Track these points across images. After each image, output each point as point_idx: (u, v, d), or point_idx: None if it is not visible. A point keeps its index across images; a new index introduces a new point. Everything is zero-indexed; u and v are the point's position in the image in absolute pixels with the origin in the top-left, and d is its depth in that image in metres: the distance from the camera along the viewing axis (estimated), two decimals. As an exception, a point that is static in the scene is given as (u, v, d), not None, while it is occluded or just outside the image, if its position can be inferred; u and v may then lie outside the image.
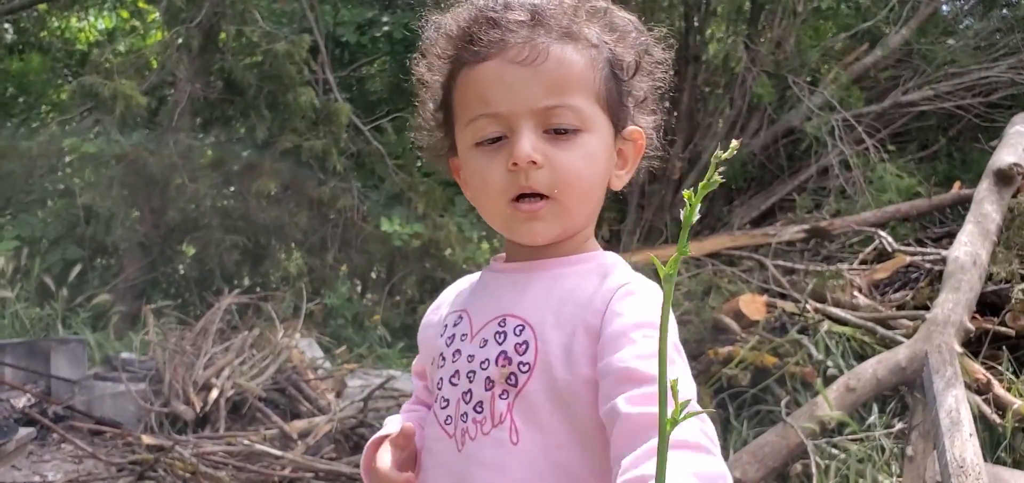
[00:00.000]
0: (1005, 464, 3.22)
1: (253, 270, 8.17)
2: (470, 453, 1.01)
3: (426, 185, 7.50)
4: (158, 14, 8.42)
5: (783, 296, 4.50)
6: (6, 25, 9.24)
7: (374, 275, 8.68)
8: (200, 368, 5.05)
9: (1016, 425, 3.31)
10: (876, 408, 3.50)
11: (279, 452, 4.10)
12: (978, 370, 3.49)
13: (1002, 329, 3.78)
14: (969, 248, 4.06)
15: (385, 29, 8.73)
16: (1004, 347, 3.75)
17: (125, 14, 9.95)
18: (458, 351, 1.06)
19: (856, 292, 4.41)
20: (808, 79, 7.60)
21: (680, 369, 0.96)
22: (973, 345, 3.73)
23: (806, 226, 5.65)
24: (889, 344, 3.74)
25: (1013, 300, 3.89)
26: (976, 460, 2.77)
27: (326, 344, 6.50)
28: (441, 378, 1.07)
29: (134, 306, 7.13)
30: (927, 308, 3.86)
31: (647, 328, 0.95)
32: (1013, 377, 3.64)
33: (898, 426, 3.41)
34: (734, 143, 0.65)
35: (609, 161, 1.07)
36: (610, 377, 0.93)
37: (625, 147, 1.09)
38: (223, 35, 7.58)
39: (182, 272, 8.36)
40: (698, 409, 0.79)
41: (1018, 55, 7.17)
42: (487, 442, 1.00)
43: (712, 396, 3.76)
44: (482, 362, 1.03)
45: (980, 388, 3.43)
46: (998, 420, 3.33)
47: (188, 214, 7.86)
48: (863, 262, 5.00)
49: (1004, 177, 4.55)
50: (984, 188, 4.56)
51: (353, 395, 4.92)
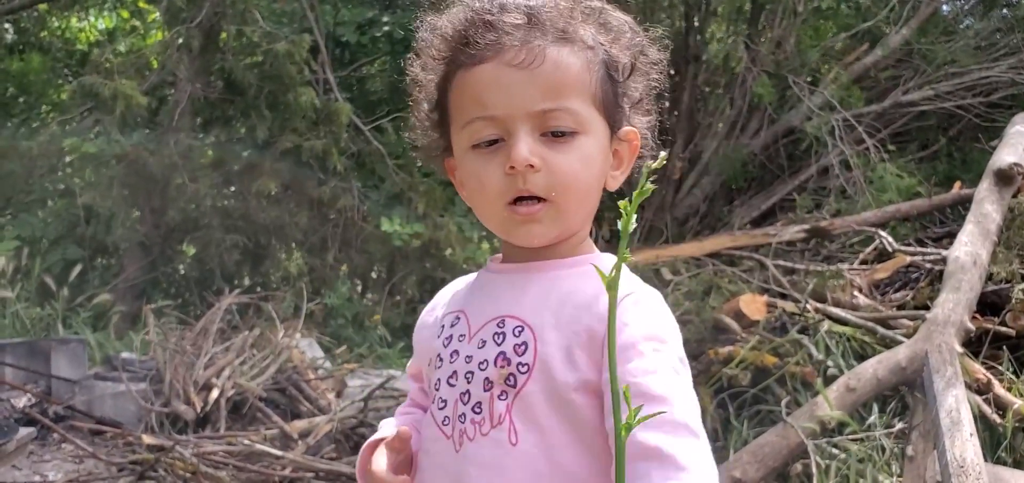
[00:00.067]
0: (1005, 464, 3.21)
1: (253, 270, 8.17)
2: (468, 454, 1.01)
3: (426, 185, 7.50)
4: (158, 14, 8.42)
5: (783, 296, 4.49)
6: (6, 25, 9.24)
7: (374, 275, 8.68)
8: (200, 368, 5.05)
9: (1016, 425, 3.31)
10: (876, 408, 3.49)
11: (279, 452, 4.10)
12: (978, 370, 3.49)
13: (1002, 329, 3.78)
14: (969, 248, 4.06)
15: (385, 29, 8.73)
16: (1004, 347, 3.75)
17: (125, 14, 9.95)
18: (456, 352, 1.06)
19: (856, 292, 4.40)
20: (808, 79, 7.61)
21: (684, 382, 0.96)
22: (973, 345, 3.73)
23: (806, 226, 5.64)
24: (889, 344, 3.73)
25: (1013, 300, 3.89)
26: (976, 460, 2.77)
27: (326, 344, 6.50)
28: (438, 379, 1.07)
29: (134, 306, 7.13)
30: (927, 308, 3.85)
31: (655, 341, 0.96)
32: (1013, 377, 3.64)
33: (898, 426, 3.40)
34: (662, 154, 0.69)
35: (605, 162, 1.07)
36: None
37: (620, 148, 1.09)
38: (223, 35, 7.57)
39: (182, 272, 8.36)
40: (659, 411, 0.84)
41: (1018, 55, 7.17)
42: (486, 443, 1.00)
43: (712, 396, 3.76)
44: (480, 363, 1.03)
45: (980, 388, 3.43)
46: (998, 420, 3.33)
47: (188, 214, 7.85)
48: (863, 262, 5.00)
49: (1004, 177, 4.55)
50: (984, 188, 4.56)
51: (353, 395, 4.92)
